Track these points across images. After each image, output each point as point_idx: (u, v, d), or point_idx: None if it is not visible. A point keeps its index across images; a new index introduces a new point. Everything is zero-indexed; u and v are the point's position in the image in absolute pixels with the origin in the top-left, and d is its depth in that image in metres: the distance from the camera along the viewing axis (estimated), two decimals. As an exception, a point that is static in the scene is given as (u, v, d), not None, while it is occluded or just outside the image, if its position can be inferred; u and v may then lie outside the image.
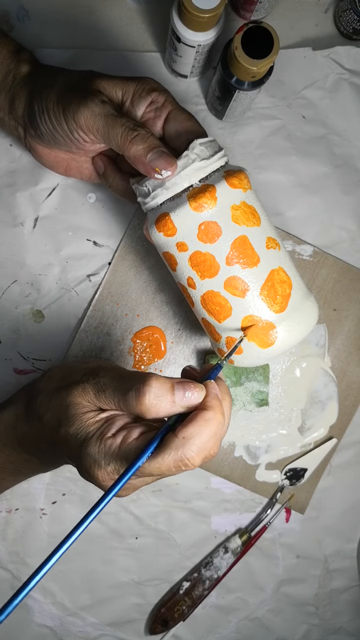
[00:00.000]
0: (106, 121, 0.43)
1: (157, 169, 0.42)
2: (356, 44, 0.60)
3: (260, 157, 0.60)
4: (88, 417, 0.39)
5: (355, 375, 0.61)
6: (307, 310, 0.46)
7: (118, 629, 0.61)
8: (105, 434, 0.37)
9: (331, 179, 0.61)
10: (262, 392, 0.56)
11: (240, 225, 0.44)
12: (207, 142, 0.44)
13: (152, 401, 0.36)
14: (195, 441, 0.35)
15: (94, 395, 0.39)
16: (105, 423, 0.38)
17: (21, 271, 0.59)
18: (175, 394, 0.36)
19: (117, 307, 0.59)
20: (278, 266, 0.45)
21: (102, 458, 0.37)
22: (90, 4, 0.59)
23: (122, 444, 0.36)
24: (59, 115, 0.45)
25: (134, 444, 0.36)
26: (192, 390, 0.37)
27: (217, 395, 0.37)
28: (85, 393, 0.39)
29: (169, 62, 0.57)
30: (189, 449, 0.35)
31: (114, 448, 0.36)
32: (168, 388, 0.36)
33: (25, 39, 0.58)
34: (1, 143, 0.58)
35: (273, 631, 0.63)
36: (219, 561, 0.61)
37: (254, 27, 0.45)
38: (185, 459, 0.35)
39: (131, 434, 0.37)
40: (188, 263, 0.45)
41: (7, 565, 0.60)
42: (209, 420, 0.36)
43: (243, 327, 0.45)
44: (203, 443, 0.35)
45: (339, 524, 0.63)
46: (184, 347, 0.59)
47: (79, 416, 0.39)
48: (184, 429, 0.35)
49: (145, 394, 0.36)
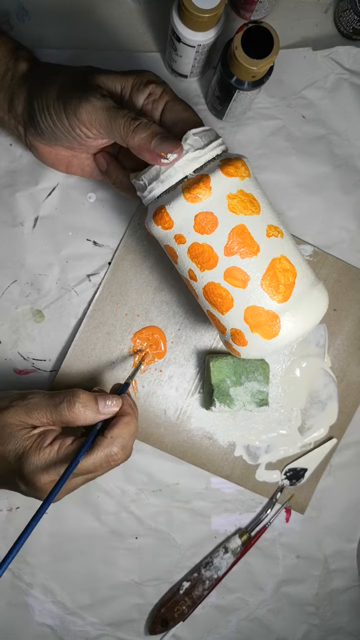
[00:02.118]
0: (108, 114, 0.43)
1: (162, 154, 0.42)
2: (356, 44, 0.60)
3: (260, 157, 0.60)
4: (23, 434, 0.45)
5: (355, 375, 0.61)
6: (313, 299, 0.44)
7: (118, 629, 0.61)
8: (42, 444, 0.45)
9: (331, 179, 0.61)
10: (262, 392, 0.56)
11: (238, 214, 0.43)
12: (202, 132, 0.44)
13: (80, 409, 0.45)
14: (119, 440, 0.45)
15: (25, 414, 0.46)
16: (40, 436, 0.45)
17: (21, 271, 0.59)
18: (99, 403, 0.45)
19: (117, 307, 0.59)
20: (280, 254, 0.44)
21: (43, 463, 0.44)
22: (90, 4, 0.59)
23: (59, 450, 0.44)
24: (59, 112, 0.45)
25: (70, 448, 0.44)
26: (111, 399, 0.46)
27: (130, 404, 0.47)
28: (16, 414, 0.46)
29: (169, 62, 0.57)
30: (115, 446, 0.44)
31: (52, 455, 0.44)
32: (93, 399, 0.45)
33: (25, 39, 0.58)
34: (1, 143, 0.58)
35: (273, 631, 0.63)
36: (219, 561, 0.61)
37: (254, 27, 0.45)
38: (113, 454, 0.44)
39: (65, 441, 0.45)
40: (187, 255, 0.44)
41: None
42: (128, 423, 0.46)
43: (232, 332, 0.46)
44: (125, 441, 0.45)
45: (339, 524, 0.63)
46: (184, 347, 0.60)
47: (14, 434, 0.45)
48: (110, 430, 0.45)
49: (75, 404, 0.45)
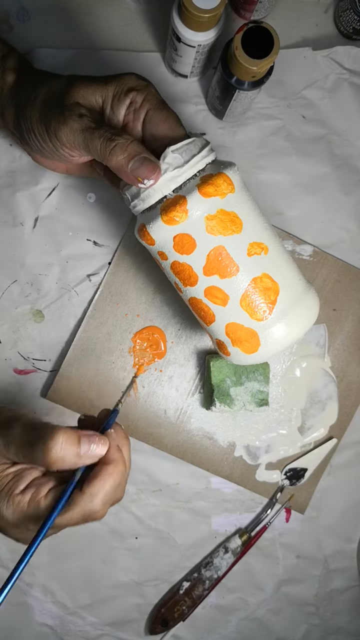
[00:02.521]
0: (84, 136, 0.42)
1: (139, 179, 0.41)
2: (356, 44, 0.60)
3: (260, 157, 0.60)
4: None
5: (355, 375, 0.61)
6: (296, 316, 0.44)
7: (118, 629, 0.61)
8: (14, 491, 0.38)
9: (331, 179, 0.61)
10: (262, 392, 0.56)
11: (216, 235, 0.42)
12: (183, 147, 0.42)
13: (58, 454, 0.37)
14: (100, 496, 0.37)
15: (3, 447, 0.39)
16: (13, 478, 0.39)
17: (21, 271, 0.59)
18: (81, 447, 0.38)
19: (117, 307, 0.59)
20: (262, 273, 0.43)
21: (11, 515, 0.38)
22: (90, 4, 0.59)
23: (30, 502, 0.38)
24: (43, 134, 0.45)
25: (42, 502, 0.38)
26: (96, 443, 0.38)
27: (117, 447, 0.39)
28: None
29: (169, 62, 0.57)
30: (95, 504, 0.37)
31: (22, 505, 0.38)
32: (74, 441, 0.37)
33: (25, 39, 0.58)
34: (1, 143, 0.58)
35: (273, 631, 0.63)
36: (219, 561, 0.61)
37: (254, 27, 0.45)
38: (92, 513, 0.38)
39: (40, 491, 0.38)
40: (170, 270, 0.45)
41: (7, 564, 0.60)
42: (112, 474, 0.38)
43: (217, 342, 0.46)
44: (108, 496, 0.38)
45: (339, 524, 0.63)
46: (184, 346, 0.59)
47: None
48: (89, 486, 0.37)
49: (52, 449, 0.36)
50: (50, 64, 0.57)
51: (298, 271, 0.46)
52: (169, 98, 0.59)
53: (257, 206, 0.45)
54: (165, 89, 0.59)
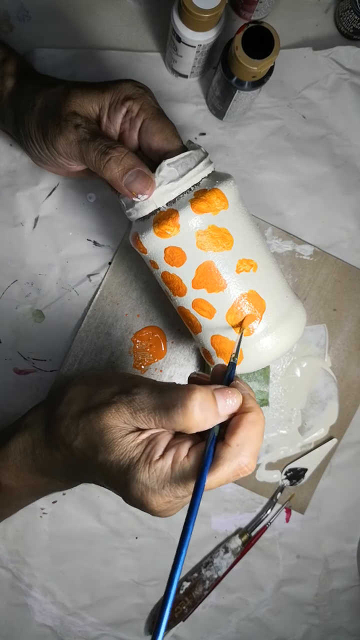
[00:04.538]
0: (80, 147, 0.42)
1: (133, 192, 0.41)
2: (356, 44, 0.60)
3: (260, 157, 0.60)
4: (128, 441, 0.36)
5: (356, 375, 0.61)
6: (281, 332, 0.45)
7: (118, 629, 0.61)
8: (153, 457, 0.35)
9: (331, 179, 0.61)
10: (263, 392, 0.56)
11: (207, 250, 0.42)
12: (178, 161, 0.42)
13: (198, 415, 0.34)
14: (248, 446, 0.35)
15: (130, 415, 0.37)
16: (148, 445, 0.36)
17: (21, 271, 0.59)
18: (218, 404, 0.35)
19: (117, 307, 0.59)
20: (249, 290, 0.44)
21: (155, 483, 0.35)
22: (90, 4, 0.59)
23: (174, 465, 0.35)
24: (41, 143, 0.45)
25: (186, 463, 0.35)
26: (231, 397, 0.36)
27: (250, 395, 0.37)
28: (119, 414, 0.37)
29: (170, 62, 0.57)
30: (244, 456, 0.34)
31: (166, 470, 0.35)
32: (211, 399, 0.35)
33: (25, 39, 0.58)
34: (1, 143, 0.58)
35: (273, 631, 0.63)
36: (219, 561, 0.61)
37: (255, 27, 0.45)
38: (243, 466, 0.35)
39: (180, 452, 0.35)
40: (161, 279, 0.46)
41: (7, 565, 0.60)
42: (254, 422, 0.35)
43: (212, 345, 0.46)
44: (255, 445, 0.35)
45: (339, 524, 0.63)
46: (184, 346, 0.59)
47: (118, 440, 0.36)
48: (235, 437, 0.35)
49: (192, 411, 0.34)
50: (50, 64, 0.57)
51: (287, 287, 0.47)
52: (169, 98, 0.59)
53: (250, 220, 0.45)
54: (166, 89, 0.59)
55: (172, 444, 0.36)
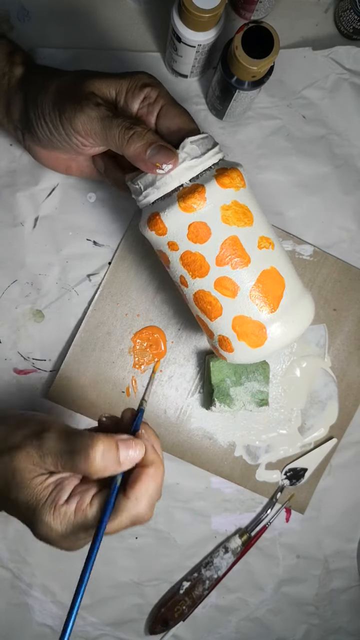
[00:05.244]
0: (103, 124, 0.43)
1: (157, 165, 0.42)
2: (356, 44, 0.60)
3: (260, 157, 0.60)
4: (37, 483, 0.39)
5: (355, 375, 0.61)
6: (299, 311, 0.45)
7: (118, 629, 0.61)
8: (58, 501, 0.38)
9: (331, 179, 0.61)
10: (262, 392, 0.56)
11: (231, 225, 0.43)
12: (199, 140, 0.43)
13: (100, 464, 0.37)
14: (146, 500, 0.38)
15: (39, 457, 0.39)
16: (55, 488, 0.39)
17: (21, 271, 0.59)
18: (120, 454, 0.38)
19: (117, 307, 0.59)
20: (270, 266, 0.44)
21: (58, 525, 0.38)
22: (90, 4, 0.59)
23: (77, 512, 0.38)
24: (56, 122, 0.45)
25: (88, 511, 0.37)
26: (134, 448, 0.38)
27: (153, 448, 0.40)
28: (29, 457, 0.39)
29: (170, 62, 0.57)
30: (142, 508, 0.37)
31: (69, 516, 0.38)
32: (114, 449, 0.37)
33: (25, 39, 0.58)
34: (1, 143, 0.58)
35: (273, 631, 0.63)
36: (219, 561, 0.61)
37: (254, 26, 0.45)
38: (139, 517, 0.38)
39: (84, 499, 0.38)
40: (179, 262, 0.45)
41: (7, 564, 0.60)
42: (152, 476, 0.38)
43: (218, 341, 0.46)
44: (152, 498, 0.38)
45: (339, 524, 0.63)
46: (184, 346, 0.60)
47: (27, 482, 0.39)
48: (133, 490, 0.37)
49: (94, 458, 0.37)
50: (50, 64, 0.57)
51: (296, 271, 0.48)
52: (169, 98, 0.59)
53: (260, 206, 0.46)
54: (166, 89, 0.59)
55: (77, 491, 0.39)
